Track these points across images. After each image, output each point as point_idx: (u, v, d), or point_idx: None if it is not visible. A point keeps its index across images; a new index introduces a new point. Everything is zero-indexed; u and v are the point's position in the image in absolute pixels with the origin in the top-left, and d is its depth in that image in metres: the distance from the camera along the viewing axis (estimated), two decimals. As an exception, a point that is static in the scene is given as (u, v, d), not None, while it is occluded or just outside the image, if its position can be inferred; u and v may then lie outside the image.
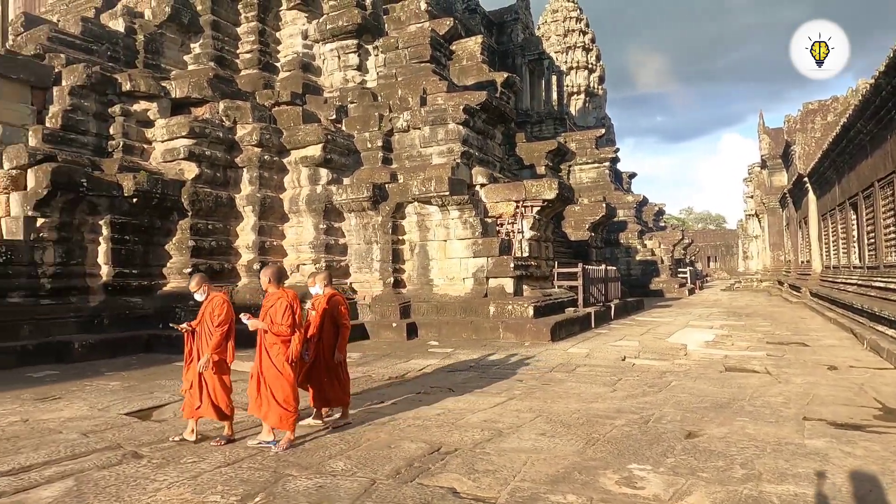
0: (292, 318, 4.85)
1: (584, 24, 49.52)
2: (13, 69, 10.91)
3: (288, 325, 4.84)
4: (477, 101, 13.31)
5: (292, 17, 15.66)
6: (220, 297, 5.14)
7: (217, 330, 4.95)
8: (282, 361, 4.84)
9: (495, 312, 11.78)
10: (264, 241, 12.93)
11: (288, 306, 4.86)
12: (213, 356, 4.92)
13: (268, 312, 4.91)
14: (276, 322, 4.85)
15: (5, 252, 9.95)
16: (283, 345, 4.86)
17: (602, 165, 31.82)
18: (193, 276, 5.32)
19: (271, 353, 4.88)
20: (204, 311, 5.08)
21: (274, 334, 4.83)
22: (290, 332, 4.84)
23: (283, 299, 4.91)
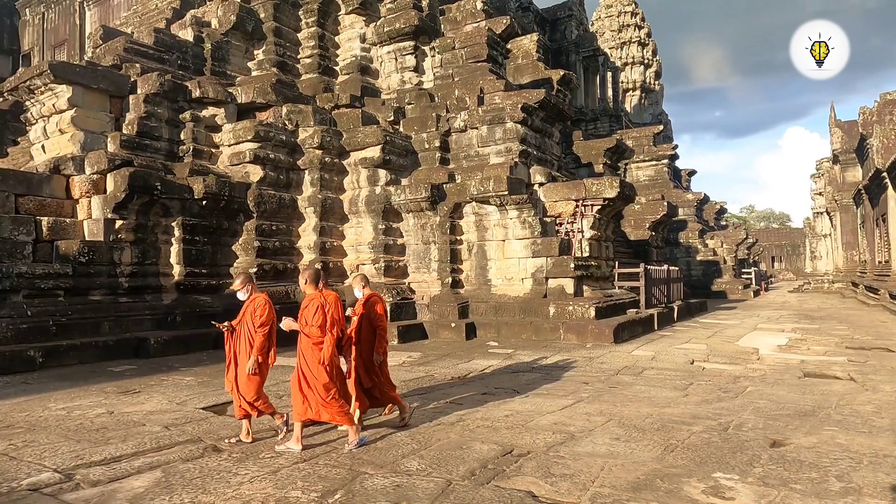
0: (322, 318, 4.72)
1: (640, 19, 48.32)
2: (94, 79, 11.52)
3: (318, 325, 4.71)
4: (535, 100, 13.16)
5: (350, 21, 15.92)
6: (261, 297, 5.09)
7: (259, 331, 4.92)
8: (315, 364, 4.71)
9: (555, 313, 11.61)
10: (325, 241, 13.18)
11: (319, 307, 4.75)
12: (258, 357, 4.90)
13: (303, 314, 4.84)
14: (308, 323, 4.77)
15: (88, 252, 10.51)
16: (317, 347, 4.74)
17: (660, 163, 30.90)
18: (238, 275, 5.30)
19: (306, 356, 4.78)
20: (245, 311, 5.06)
21: (306, 335, 4.75)
22: (321, 334, 4.72)
23: (315, 300, 4.82)
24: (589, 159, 18.07)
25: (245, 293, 5.16)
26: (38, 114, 11.77)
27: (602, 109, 35.48)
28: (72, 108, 11.29)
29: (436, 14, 15.96)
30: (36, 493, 3.86)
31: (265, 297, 5.11)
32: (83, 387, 7.63)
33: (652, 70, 48.21)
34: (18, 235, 10.11)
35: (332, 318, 4.82)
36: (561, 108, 14.26)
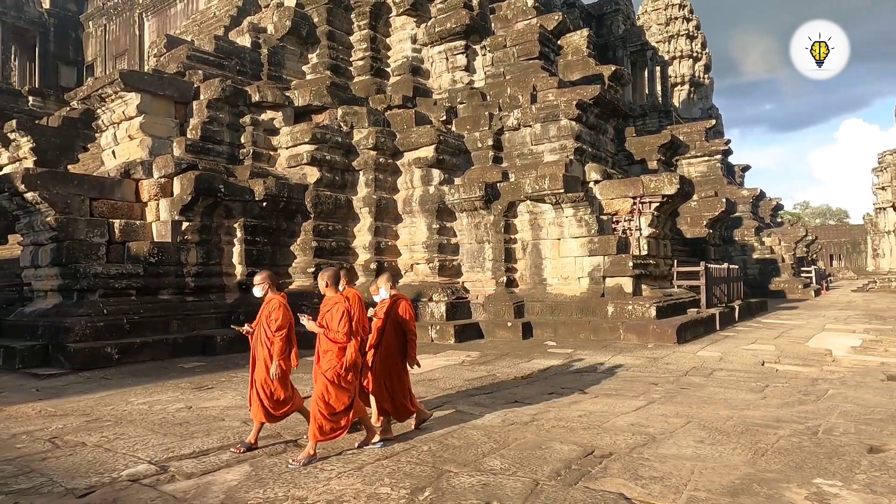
0: (349, 324, 4.56)
1: (688, 11, 47.07)
2: (160, 86, 11.95)
3: (345, 332, 4.54)
4: (590, 96, 12.96)
5: (401, 22, 16.03)
6: (277, 300, 4.95)
7: (277, 335, 4.80)
8: (334, 368, 4.54)
9: (614, 313, 11.40)
10: (380, 241, 13.31)
11: (345, 312, 4.57)
12: (280, 363, 4.79)
13: (324, 317, 4.67)
14: (331, 328, 4.59)
15: (157, 253, 10.92)
16: (340, 352, 4.56)
17: (713, 158, 29.99)
18: (259, 273, 5.17)
19: (323, 360, 4.61)
20: (262, 313, 4.97)
21: (330, 340, 4.58)
22: (347, 340, 4.55)
23: (340, 304, 4.64)
24: (642, 156, 17.68)
25: (261, 291, 5.03)
26: (109, 121, 12.28)
27: (651, 105, 34.73)
28: (140, 114, 11.74)
29: (486, 13, 15.92)
30: (136, 483, 4.01)
31: (280, 298, 4.99)
32: (159, 382, 7.92)
33: (701, 63, 46.90)
34: (93, 237, 10.59)
35: (358, 323, 4.67)
36: (616, 105, 14.00)
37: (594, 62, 17.93)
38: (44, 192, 10.18)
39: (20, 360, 9.12)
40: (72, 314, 9.73)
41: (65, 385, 7.99)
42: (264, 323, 4.90)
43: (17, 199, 10.52)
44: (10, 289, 11.89)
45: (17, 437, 5.27)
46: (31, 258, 10.88)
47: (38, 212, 10.49)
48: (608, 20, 37.62)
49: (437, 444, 4.79)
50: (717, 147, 30.21)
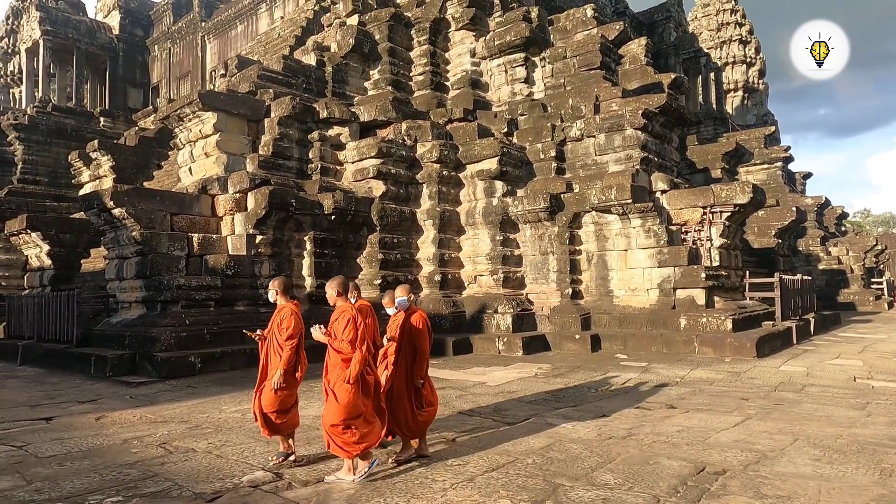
0: (354, 332, 4.35)
1: (740, 16, 45.95)
2: (235, 105, 12.43)
3: (349, 340, 4.33)
4: (656, 105, 12.78)
5: (460, 37, 16.22)
6: (288, 308, 4.86)
7: (286, 344, 4.70)
8: (340, 383, 4.34)
9: (687, 325, 11.13)
10: (443, 253, 13.41)
11: (350, 320, 4.39)
12: (285, 372, 4.70)
13: (332, 327, 4.50)
14: (337, 337, 4.40)
15: (233, 266, 11.29)
16: (345, 363, 4.36)
17: (773, 166, 29.04)
18: (273, 280, 5.03)
19: (332, 374, 4.43)
20: (273, 320, 4.88)
21: (335, 351, 4.40)
22: (351, 349, 4.33)
23: (346, 312, 4.47)
24: (705, 164, 17.29)
25: (273, 297, 4.94)
26: (186, 139, 12.82)
27: (706, 112, 33.96)
28: (216, 132, 12.22)
29: (544, 25, 15.95)
30: (258, 489, 4.13)
31: (292, 307, 4.89)
32: (244, 391, 8.13)
33: (755, 69, 45.63)
34: (174, 250, 11.03)
35: (363, 333, 4.46)
36: (681, 113, 13.76)
37: (653, 70, 17.66)
38: (130, 209, 10.68)
39: (110, 369, 9.55)
40: (157, 325, 10.15)
41: (155, 392, 8.32)
42: (276, 331, 4.82)
43: (105, 215, 11.08)
44: (96, 300, 12.48)
45: (129, 443, 5.51)
46: (117, 271, 11.41)
47: (123, 227, 11.01)
48: (659, 28, 37.13)
49: (540, 458, 4.76)
50: (778, 154, 29.25)
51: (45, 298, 12.57)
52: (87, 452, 5.19)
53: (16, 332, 13.44)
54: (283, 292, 4.97)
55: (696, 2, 46.67)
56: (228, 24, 27.80)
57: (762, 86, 45.54)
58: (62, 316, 11.65)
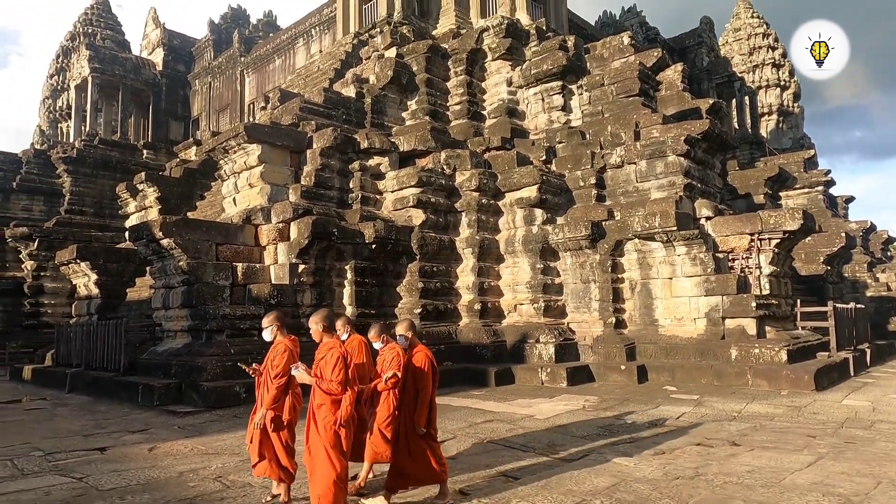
0: (344, 372, 4.09)
1: (773, 39, 45.56)
2: (278, 137, 12.69)
3: (339, 381, 4.06)
4: (698, 131, 12.62)
5: (496, 66, 16.38)
6: (283, 344, 4.63)
7: (274, 382, 4.48)
8: (329, 426, 4.07)
9: (738, 356, 10.76)
10: (483, 281, 13.32)
11: (339, 358, 4.13)
12: (269, 411, 4.49)
13: (318, 365, 4.23)
14: (325, 377, 4.12)
15: (276, 294, 11.37)
16: (334, 405, 4.09)
17: (814, 190, 28.34)
18: (268, 315, 4.79)
19: (318, 415, 4.13)
20: (268, 357, 4.68)
21: (323, 391, 4.11)
22: (341, 391, 4.08)
23: (335, 350, 4.20)
24: (746, 189, 16.95)
25: (271, 334, 4.71)
26: (231, 170, 13.11)
27: (741, 136, 33.51)
28: (260, 164, 12.47)
29: (580, 53, 16.01)
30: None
31: (287, 342, 4.67)
32: (291, 422, 8.11)
33: (789, 92, 45.02)
34: (219, 280, 11.17)
35: (353, 372, 4.23)
36: (724, 139, 13.56)
37: (690, 96, 17.53)
38: (177, 239, 10.89)
39: (157, 398, 9.64)
40: (203, 354, 10.23)
41: (202, 423, 8.33)
42: (268, 367, 4.61)
43: (153, 245, 11.31)
44: (142, 329, 12.69)
45: (185, 476, 5.49)
46: (163, 300, 11.60)
47: (170, 257, 11.22)
48: (691, 53, 37.06)
49: (608, 499, 4.58)
50: (819, 178, 28.57)
51: (94, 327, 12.84)
52: (145, 486, 5.18)
53: (64, 359, 13.74)
54: (280, 327, 4.74)
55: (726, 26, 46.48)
56: (266, 58, 28.65)
57: (797, 109, 44.86)
58: (110, 344, 11.86)
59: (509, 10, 18.35)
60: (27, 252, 21.10)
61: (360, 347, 4.99)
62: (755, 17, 45.07)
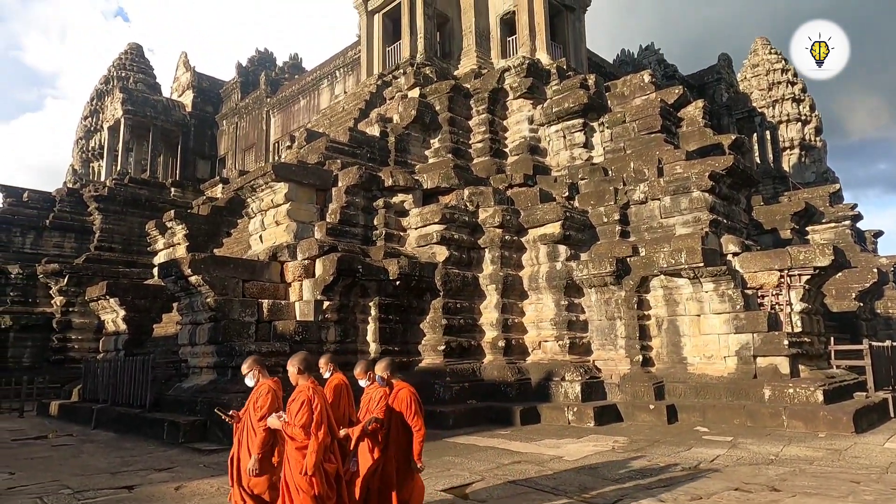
0: (308, 416, 3.96)
1: (792, 74, 45.72)
2: (305, 176, 12.95)
3: (301, 425, 3.93)
4: (723, 167, 12.60)
5: (518, 105, 16.63)
6: (267, 385, 4.49)
7: (259, 425, 4.32)
8: (298, 474, 3.95)
9: (772, 396, 10.46)
10: (506, 318, 13.23)
11: (305, 402, 4.00)
12: (259, 456, 4.32)
13: (288, 409, 4.15)
14: (290, 422, 4.04)
15: (301, 331, 11.42)
16: (299, 452, 3.98)
17: (841, 225, 27.84)
18: (246, 360, 4.70)
19: (291, 462, 4.04)
20: (250, 399, 4.53)
21: (288, 437, 4.02)
22: (305, 437, 3.95)
23: (302, 393, 4.08)
24: (772, 225, 16.76)
25: (252, 378, 4.58)
26: (258, 208, 13.36)
27: (764, 171, 33.34)
28: (287, 202, 12.70)
29: (601, 91, 16.21)
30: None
31: (271, 384, 4.52)
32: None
33: (811, 126, 44.92)
34: (245, 317, 11.27)
35: (320, 416, 4.05)
36: (749, 174, 13.51)
37: (711, 132, 17.56)
38: (206, 276, 11.05)
39: (183, 435, 9.64)
40: (228, 391, 10.24)
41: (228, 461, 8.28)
42: (251, 410, 4.46)
43: (182, 282, 11.49)
44: (168, 365, 12.78)
45: (213, 516, 5.44)
46: (189, 336, 11.71)
47: (198, 293, 11.37)
48: (710, 89, 37.28)
49: None
50: (845, 212, 28.15)
51: (120, 363, 12.97)
52: (174, 526, 5.14)
53: (90, 395, 13.85)
54: (262, 370, 4.62)
55: (744, 63, 46.83)
56: (291, 99, 29.47)
57: (819, 143, 44.63)
58: (136, 380, 11.95)
59: (529, 51, 18.73)
60: (57, 288, 21.55)
61: (338, 387, 4.83)
62: (773, 53, 45.37)
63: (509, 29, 20.19)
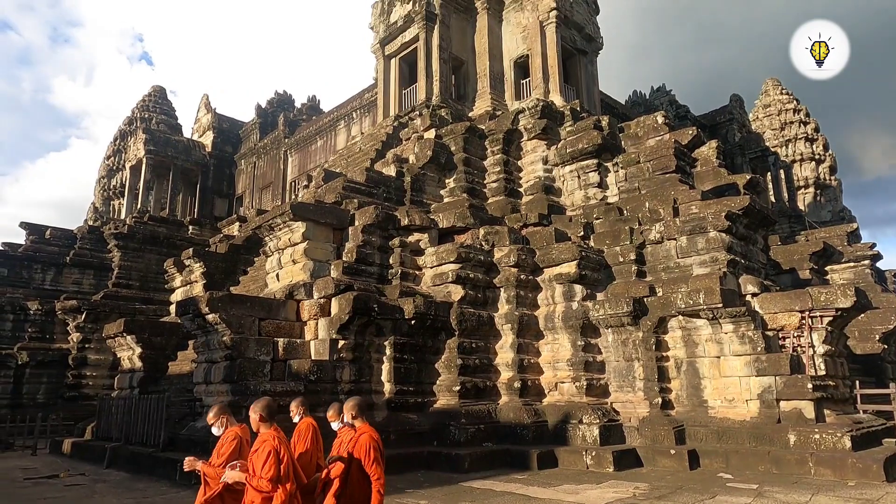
0: (275, 468, 3.86)
1: (804, 114, 46.01)
2: (322, 215, 13.11)
3: (269, 477, 3.85)
4: (739, 206, 12.58)
5: (532, 146, 16.84)
6: (233, 431, 4.43)
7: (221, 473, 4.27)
8: None
9: (797, 442, 10.16)
10: (522, 358, 13.09)
11: (272, 452, 3.92)
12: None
13: (251, 459, 4.02)
14: (255, 473, 3.91)
15: (316, 371, 11.38)
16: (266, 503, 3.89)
17: (860, 265, 27.43)
18: (212, 407, 4.61)
19: None
20: (215, 449, 4.47)
21: (253, 489, 3.89)
22: (272, 488, 3.86)
23: (268, 442, 3.99)
24: (790, 265, 16.58)
25: (219, 428, 4.49)
26: (275, 247, 13.51)
27: (779, 210, 33.24)
28: (304, 240, 12.83)
29: (615, 132, 16.39)
30: None
31: (237, 430, 4.44)
32: None
33: (825, 165, 44.93)
34: (261, 355, 11.27)
35: (287, 467, 3.94)
36: (765, 214, 13.46)
37: (726, 172, 17.59)
38: (222, 314, 11.11)
39: (195, 476, 9.46)
40: (242, 431, 10.15)
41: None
42: (214, 457, 4.41)
43: (199, 320, 11.55)
44: (182, 403, 12.74)
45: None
46: (205, 375, 11.69)
47: (215, 331, 11.41)
48: (722, 129, 37.58)
49: None
50: (864, 252, 27.81)
51: (135, 401, 12.95)
52: (189, 573, 5.04)
53: (104, 433, 13.80)
54: (228, 417, 4.54)
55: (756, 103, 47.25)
56: (309, 139, 30.11)
57: (835, 182, 44.55)
58: (150, 419, 11.91)
59: (543, 93, 19.07)
60: (74, 324, 21.75)
61: (307, 432, 4.75)
62: (784, 93, 45.78)
63: (523, 72, 20.63)
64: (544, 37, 19.69)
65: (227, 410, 4.61)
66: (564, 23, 20.06)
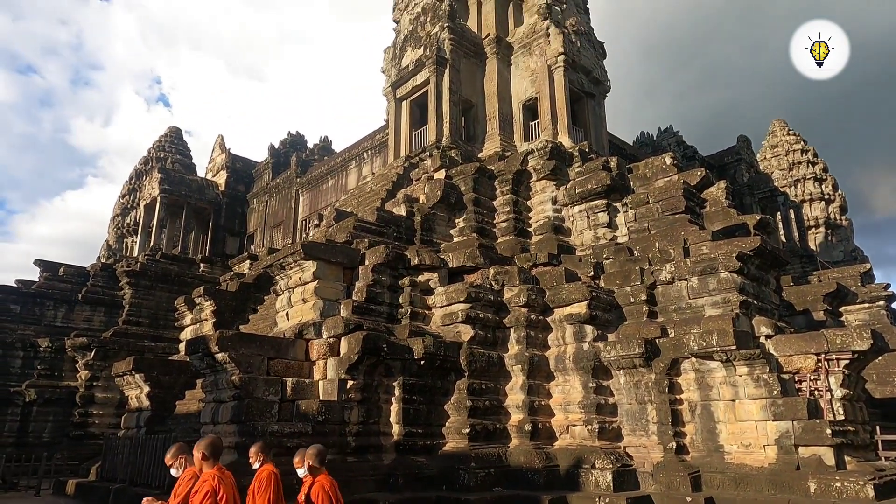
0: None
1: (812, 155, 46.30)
2: (333, 254, 13.20)
3: None
4: (750, 247, 12.53)
5: (542, 186, 17.00)
6: (191, 472, 4.39)
7: None
8: None
9: (817, 490, 9.85)
10: (533, 400, 12.89)
11: (209, 493, 3.88)
12: None
13: (191, 501, 4.00)
14: None
15: (324, 412, 11.25)
16: None
17: (875, 305, 27.01)
18: (170, 448, 4.54)
19: None
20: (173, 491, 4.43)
21: None
22: None
23: (207, 482, 3.96)
24: (804, 306, 16.36)
25: (178, 469, 4.49)
26: (286, 286, 13.56)
27: (790, 249, 33.05)
28: (315, 279, 12.88)
29: (623, 173, 16.53)
30: None
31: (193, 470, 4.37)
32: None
33: (835, 205, 44.92)
34: (269, 395, 11.18)
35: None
36: (777, 255, 13.40)
37: (736, 212, 17.61)
38: (232, 353, 11.08)
39: (200, 520, 9.33)
40: (248, 474, 9.96)
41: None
42: (172, 498, 4.41)
43: (208, 359, 11.52)
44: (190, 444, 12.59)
45: None
46: (212, 415, 11.59)
47: (224, 371, 11.36)
48: (730, 169, 37.79)
49: None
50: (878, 293, 27.47)
51: (141, 441, 12.84)
52: None
53: (108, 474, 13.64)
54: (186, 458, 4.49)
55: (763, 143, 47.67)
56: (320, 179, 30.56)
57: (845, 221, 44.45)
58: (156, 460, 11.75)
59: (551, 135, 19.34)
60: (83, 362, 21.77)
61: (267, 480, 4.74)
62: (791, 134, 46.17)
63: (532, 114, 20.98)
64: (552, 80, 20.10)
65: (185, 451, 4.59)
66: (572, 67, 20.49)
